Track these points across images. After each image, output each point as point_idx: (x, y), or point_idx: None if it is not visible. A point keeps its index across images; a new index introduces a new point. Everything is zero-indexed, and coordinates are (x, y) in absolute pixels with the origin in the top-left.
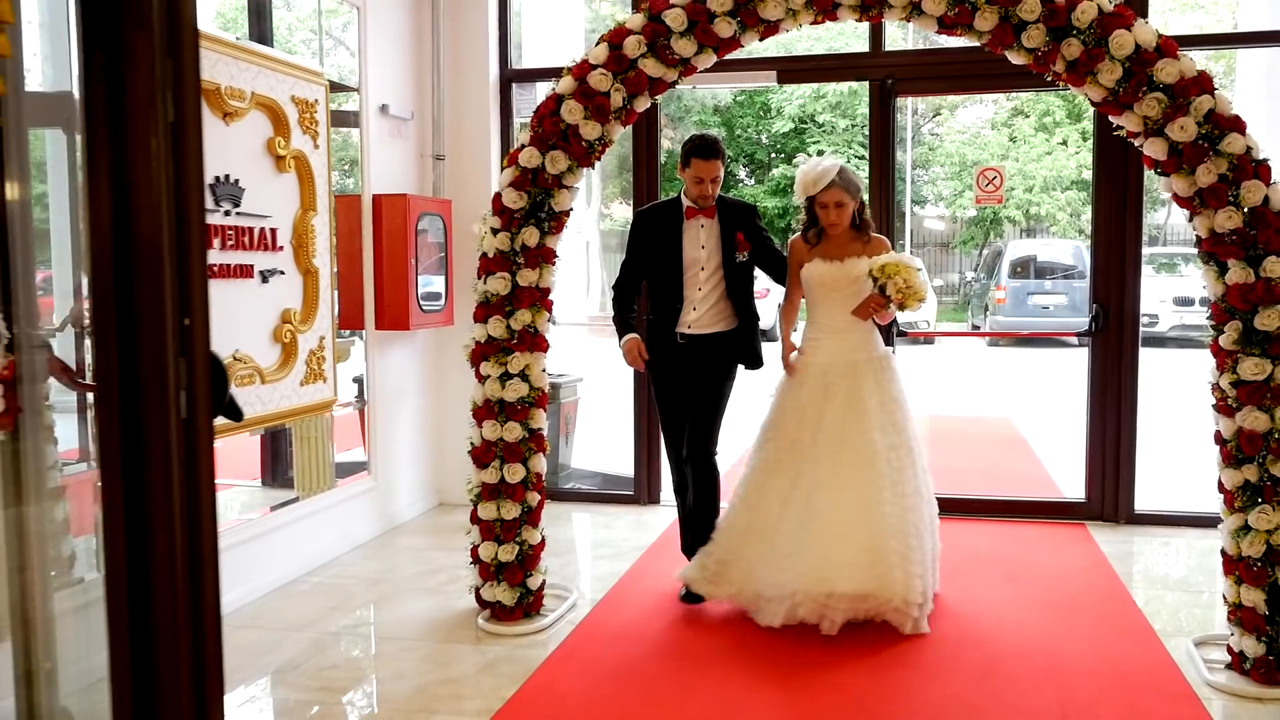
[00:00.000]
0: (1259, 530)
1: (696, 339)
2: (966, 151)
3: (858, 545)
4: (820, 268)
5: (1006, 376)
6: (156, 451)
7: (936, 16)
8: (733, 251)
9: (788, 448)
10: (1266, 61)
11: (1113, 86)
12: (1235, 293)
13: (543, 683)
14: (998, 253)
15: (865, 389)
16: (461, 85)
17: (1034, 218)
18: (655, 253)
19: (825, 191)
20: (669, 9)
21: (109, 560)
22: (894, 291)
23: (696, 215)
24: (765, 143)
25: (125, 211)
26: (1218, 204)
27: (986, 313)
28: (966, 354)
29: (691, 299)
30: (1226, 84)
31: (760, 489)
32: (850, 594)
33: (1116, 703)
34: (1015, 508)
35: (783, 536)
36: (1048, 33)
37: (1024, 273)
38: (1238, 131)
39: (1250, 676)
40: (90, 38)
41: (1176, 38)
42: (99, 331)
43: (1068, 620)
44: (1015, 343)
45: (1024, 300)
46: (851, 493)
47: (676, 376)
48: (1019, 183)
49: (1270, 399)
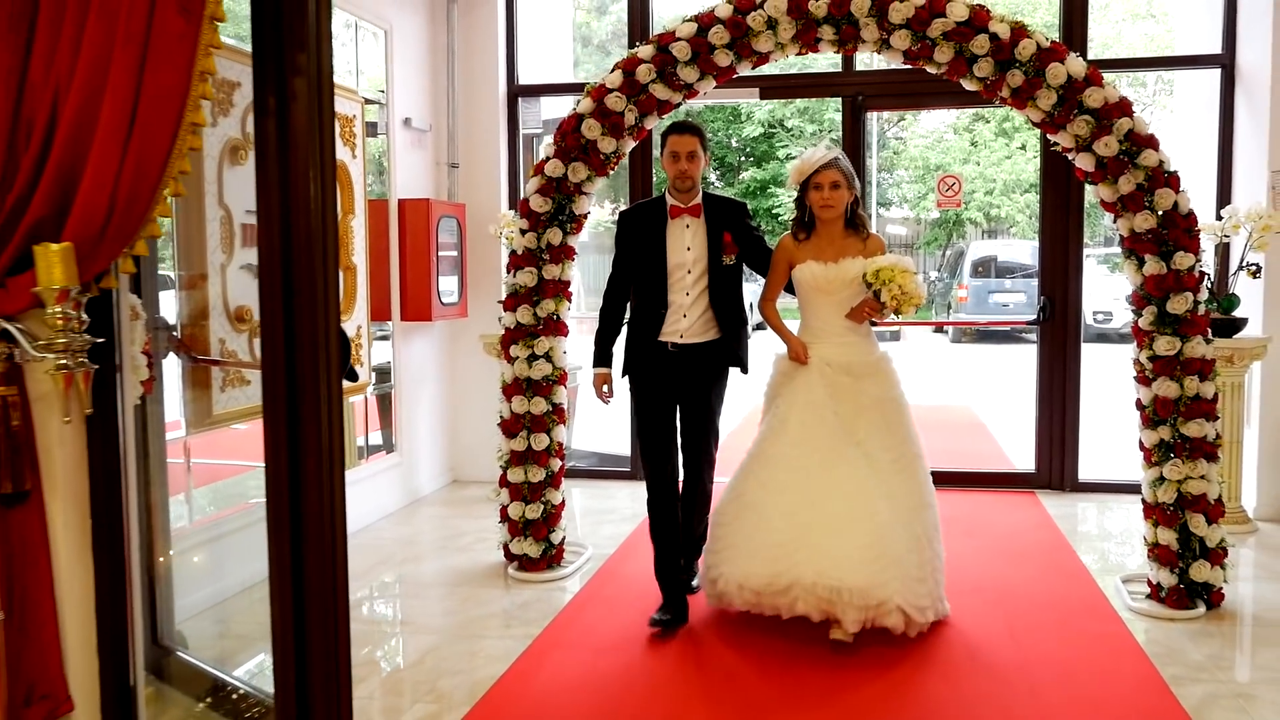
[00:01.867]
0: (1171, 480)
1: (689, 349)
2: (930, 155)
3: (858, 541)
4: (814, 269)
5: (968, 370)
6: (309, 405)
7: (902, 50)
8: (719, 253)
9: (780, 439)
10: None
11: (1049, 110)
12: (1151, 282)
13: (571, 616)
14: (960, 253)
15: (866, 388)
16: (473, 99)
17: (995, 219)
18: (639, 255)
19: (821, 172)
20: (675, 42)
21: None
22: (889, 298)
23: (682, 214)
24: (735, 146)
25: (288, 220)
26: (1136, 208)
27: (950, 310)
28: (931, 350)
29: (680, 305)
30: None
31: (747, 479)
32: (852, 587)
33: (1054, 625)
34: (973, 479)
35: (771, 523)
36: (995, 65)
37: (985, 272)
38: (1152, 148)
39: (1165, 603)
40: (262, 83)
41: (1113, 61)
42: (267, 312)
43: (1016, 565)
44: (976, 339)
45: (985, 298)
46: (850, 484)
47: (664, 389)
48: (980, 186)
49: (1180, 370)
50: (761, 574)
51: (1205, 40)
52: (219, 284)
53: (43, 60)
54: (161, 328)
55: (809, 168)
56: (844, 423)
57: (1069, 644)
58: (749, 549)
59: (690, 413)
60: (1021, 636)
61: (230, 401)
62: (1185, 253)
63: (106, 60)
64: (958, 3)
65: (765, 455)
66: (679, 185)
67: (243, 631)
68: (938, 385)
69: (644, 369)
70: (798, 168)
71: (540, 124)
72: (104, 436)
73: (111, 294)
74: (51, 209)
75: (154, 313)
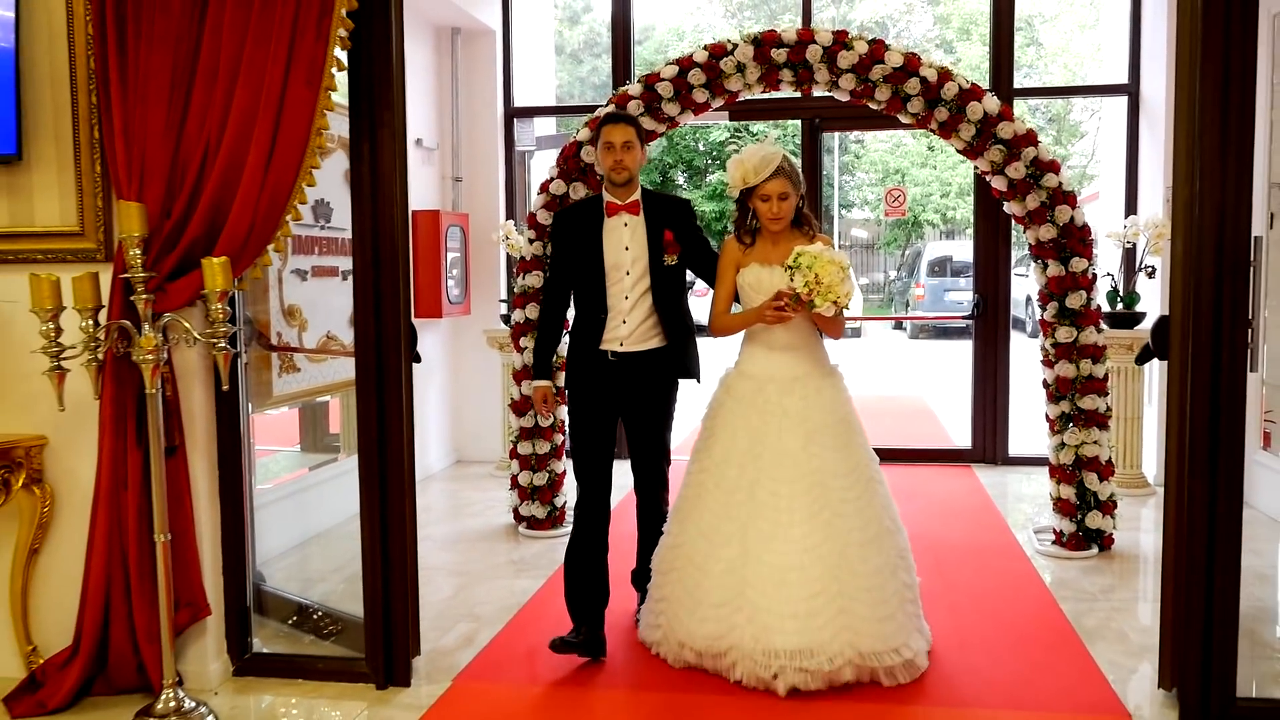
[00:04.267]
0: (1070, 445)
1: (631, 358)
2: (889, 160)
3: (800, 594)
4: (758, 273)
5: (923, 363)
6: (392, 379)
7: (849, 90)
8: (660, 254)
9: (719, 477)
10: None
11: (969, 140)
12: (1053, 283)
13: None
14: (917, 253)
15: (813, 408)
16: (475, 120)
17: (950, 221)
18: (576, 257)
19: (768, 182)
20: (660, 81)
21: (364, 442)
22: (801, 285)
23: (619, 212)
24: (702, 149)
25: (377, 235)
26: (1040, 221)
27: (908, 308)
28: (891, 345)
29: (619, 310)
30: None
31: (685, 524)
32: (790, 650)
33: (975, 565)
34: (917, 455)
35: (711, 580)
36: (925, 103)
37: (941, 271)
38: (1053, 172)
39: (1065, 546)
40: (358, 136)
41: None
42: (360, 308)
43: (948, 522)
44: (933, 335)
45: (941, 296)
46: (794, 529)
47: (604, 402)
48: (936, 189)
49: (1076, 355)
50: (700, 634)
51: (1117, 71)
52: (276, 286)
53: (197, 119)
54: (248, 321)
55: (755, 177)
56: (790, 454)
57: (986, 578)
58: (689, 606)
59: (638, 431)
60: (948, 573)
61: (285, 386)
62: (1080, 258)
63: (252, 120)
64: (894, 52)
65: (703, 501)
66: (615, 178)
67: (296, 579)
68: (895, 377)
69: (584, 380)
70: (740, 174)
71: (534, 141)
72: (228, 405)
73: (236, 295)
74: (203, 231)
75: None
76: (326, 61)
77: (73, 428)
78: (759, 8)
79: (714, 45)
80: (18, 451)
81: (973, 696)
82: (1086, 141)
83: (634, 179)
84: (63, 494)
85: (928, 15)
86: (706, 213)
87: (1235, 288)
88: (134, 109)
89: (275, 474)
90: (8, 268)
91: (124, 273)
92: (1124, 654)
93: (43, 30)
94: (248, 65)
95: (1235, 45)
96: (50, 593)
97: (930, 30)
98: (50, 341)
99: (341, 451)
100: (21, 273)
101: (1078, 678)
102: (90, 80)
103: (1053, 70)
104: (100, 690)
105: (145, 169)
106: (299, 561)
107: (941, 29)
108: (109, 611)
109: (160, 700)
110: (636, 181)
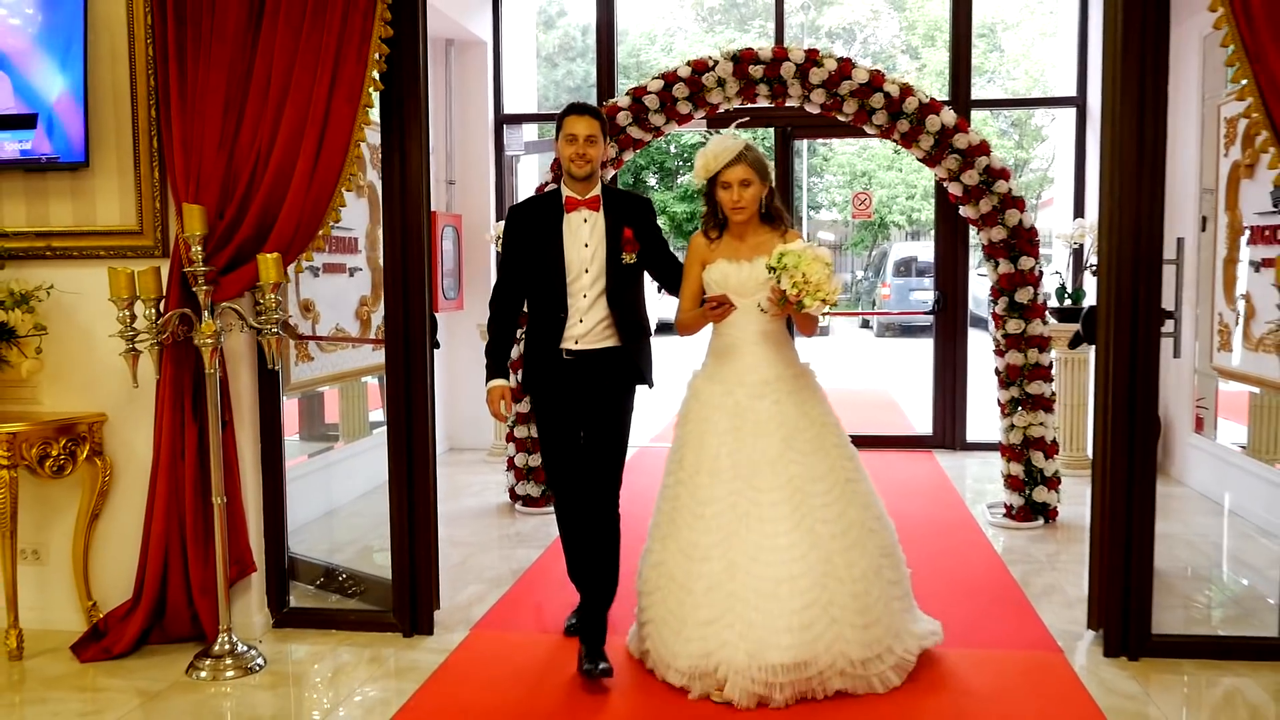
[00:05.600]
0: (1019, 426)
1: (585, 356)
2: (856, 162)
3: (791, 606)
4: (725, 269)
5: (890, 359)
6: (418, 363)
7: (820, 104)
8: (619, 252)
9: (693, 488)
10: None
11: (928, 150)
12: (1004, 279)
13: None
14: (884, 254)
15: (785, 411)
16: (467, 126)
17: (916, 222)
18: (532, 254)
19: (729, 168)
20: (646, 94)
21: (392, 418)
22: (789, 285)
23: (578, 207)
24: (674, 151)
25: (405, 238)
26: (992, 224)
27: (874, 306)
28: (859, 343)
29: (576, 308)
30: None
31: (665, 541)
32: (787, 664)
33: (933, 536)
34: (882, 441)
35: (695, 598)
36: (888, 115)
37: (907, 271)
38: (1004, 179)
39: (1014, 518)
40: (390, 148)
41: (989, 101)
42: (391, 299)
43: (909, 499)
44: (899, 333)
45: (906, 295)
46: (780, 539)
47: (564, 402)
48: (902, 191)
49: (1024, 345)
50: (687, 654)
51: (1068, 83)
52: (294, 282)
53: (249, 133)
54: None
55: (715, 164)
56: (767, 461)
57: (942, 546)
58: (675, 626)
59: (596, 435)
60: (907, 545)
61: (299, 374)
62: (1027, 257)
63: (299, 135)
64: (860, 69)
65: (680, 515)
66: (576, 171)
67: (320, 548)
68: (862, 372)
69: (543, 383)
70: (703, 163)
71: (522, 146)
72: (269, 386)
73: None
74: (254, 231)
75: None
76: (365, 82)
77: (129, 406)
78: (729, 11)
79: (696, 61)
80: (81, 427)
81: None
82: (1049, 145)
83: (595, 173)
84: (120, 465)
85: (894, 21)
86: (678, 214)
87: (1150, 284)
88: (192, 123)
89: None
90: (72, 263)
91: (187, 266)
92: (1062, 606)
93: (106, 52)
94: (295, 85)
95: (1149, 71)
96: (108, 554)
97: (896, 36)
98: (126, 327)
99: (340, 440)
100: (85, 267)
101: (1020, 623)
102: (149, 97)
103: (1016, 75)
104: (156, 639)
105: (201, 176)
106: (313, 536)
107: (907, 35)
108: (167, 568)
109: (216, 644)
110: (597, 176)
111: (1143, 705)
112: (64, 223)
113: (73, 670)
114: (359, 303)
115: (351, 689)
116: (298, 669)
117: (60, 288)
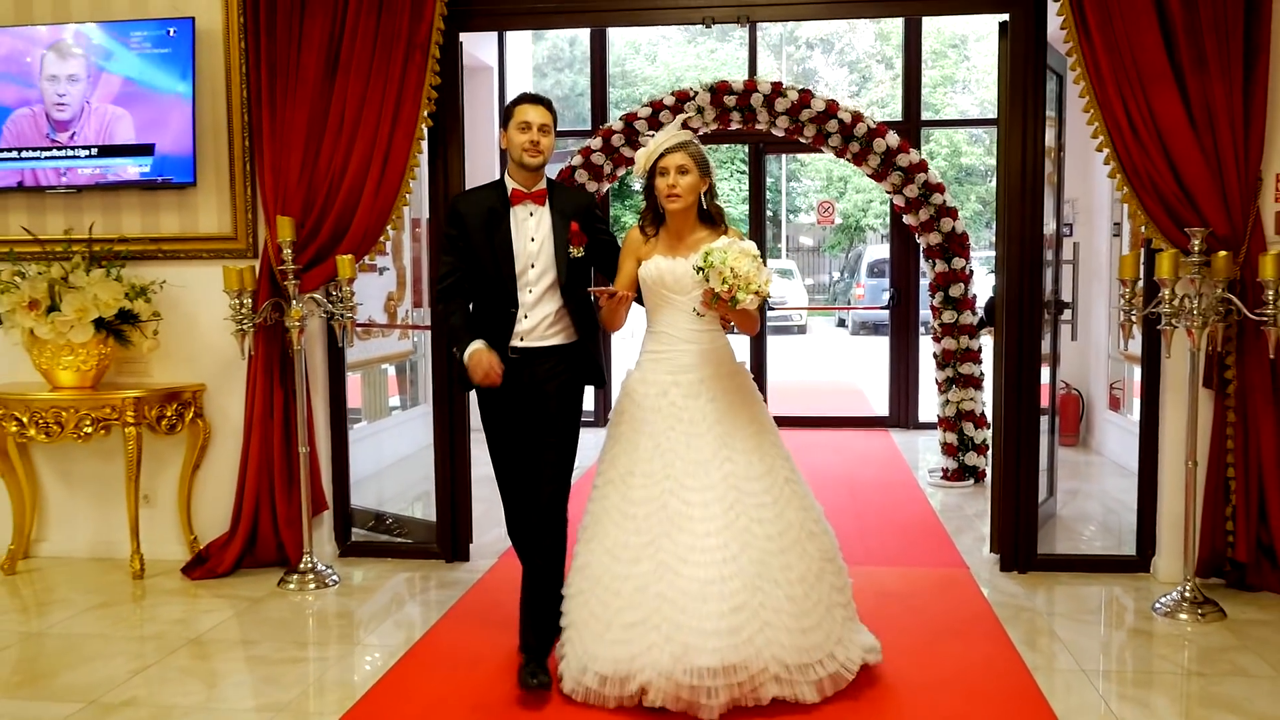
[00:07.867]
0: (953, 401)
1: (531, 353)
2: (832, 168)
3: (721, 608)
4: (661, 266)
5: (861, 354)
6: None
7: (784, 129)
8: (566, 245)
9: (625, 489)
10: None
11: (876, 167)
12: (940, 277)
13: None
14: (859, 256)
15: (721, 409)
16: (474, 140)
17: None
18: (477, 247)
19: (668, 155)
20: (637, 119)
21: (437, 386)
22: (719, 283)
23: (524, 200)
24: None
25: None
26: (929, 230)
27: (850, 305)
28: (834, 340)
29: (523, 303)
30: None
31: (591, 544)
32: (714, 667)
33: (880, 495)
34: (843, 421)
35: (622, 600)
36: (842, 138)
37: (880, 273)
38: (939, 192)
39: (949, 479)
40: (434, 164)
41: (940, 121)
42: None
43: (862, 467)
44: (870, 332)
45: (880, 295)
46: (711, 539)
47: (511, 401)
48: (877, 196)
49: (957, 332)
50: (608, 657)
51: None
52: None
53: (325, 160)
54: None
55: (653, 153)
56: (700, 460)
57: (888, 502)
58: (598, 629)
59: (542, 436)
60: (859, 501)
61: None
62: (959, 258)
63: (367, 162)
64: (818, 99)
65: (609, 516)
66: (528, 161)
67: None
68: (835, 366)
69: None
70: (644, 153)
71: None
72: (336, 362)
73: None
74: (329, 238)
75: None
76: (419, 120)
77: (224, 377)
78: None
79: (679, 92)
80: (186, 394)
81: (863, 556)
82: None
83: (544, 165)
84: (216, 425)
85: (869, 31)
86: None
87: (1034, 279)
88: (279, 151)
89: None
90: (179, 262)
91: (277, 265)
92: (975, 541)
93: (208, 92)
94: (364, 123)
95: (1029, 115)
96: (206, 496)
97: (872, 45)
98: (236, 312)
99: (362, 420)
100: (189, 266)
101: (938, 550)
102: (244, 129)
103: (987, 84)
104: (248, 564)
105: (286, 194)
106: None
107: (882, 45)
108: (258, 506)
109: (301, 563)
110: (544, 170)
111: (1024, 602)
112: (172, 230)
113: (185, 586)
114: (387, 298)
115: (412, 594)
116: (365, 583)
117: (170, 283)
